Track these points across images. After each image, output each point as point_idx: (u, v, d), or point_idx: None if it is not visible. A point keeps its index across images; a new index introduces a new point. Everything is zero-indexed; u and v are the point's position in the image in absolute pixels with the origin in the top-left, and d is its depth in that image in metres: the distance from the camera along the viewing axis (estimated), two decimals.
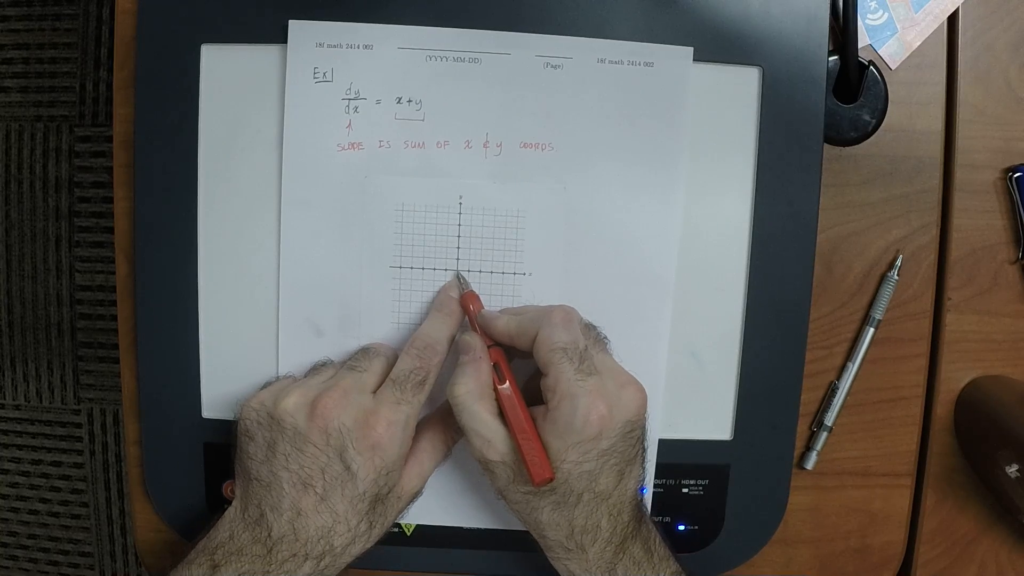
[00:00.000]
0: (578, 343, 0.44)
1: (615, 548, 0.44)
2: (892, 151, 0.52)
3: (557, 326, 0.44)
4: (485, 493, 0.51)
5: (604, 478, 0.44)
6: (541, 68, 0.48)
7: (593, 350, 0.45)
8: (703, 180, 0.49)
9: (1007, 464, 0.48)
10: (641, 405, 0.45)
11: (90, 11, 1.30)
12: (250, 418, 0.46)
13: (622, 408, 0.44)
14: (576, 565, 0.45)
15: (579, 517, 0.44)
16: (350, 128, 0.48)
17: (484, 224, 0.48)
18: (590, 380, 0.43)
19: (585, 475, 0.43)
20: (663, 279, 0.49)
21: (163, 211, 0.49)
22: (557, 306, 0.46)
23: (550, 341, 0.44)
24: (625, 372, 0.46)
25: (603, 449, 0.43)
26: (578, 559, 0.45)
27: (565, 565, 0.46)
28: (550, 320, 0.45)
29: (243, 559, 0.43)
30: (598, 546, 0.44)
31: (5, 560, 1.43)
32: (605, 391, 0.43)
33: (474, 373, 0.45)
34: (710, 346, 0.50)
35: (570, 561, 0.45)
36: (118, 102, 0.50)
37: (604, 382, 0.44)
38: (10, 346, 1.39)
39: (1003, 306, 0.53)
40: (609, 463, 0.44)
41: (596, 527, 0.44)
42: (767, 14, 0.48)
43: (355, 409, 0.44)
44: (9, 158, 1.34)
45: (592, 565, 0.45)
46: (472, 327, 0.47)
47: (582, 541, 0.44)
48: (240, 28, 0.48)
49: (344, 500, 0.44)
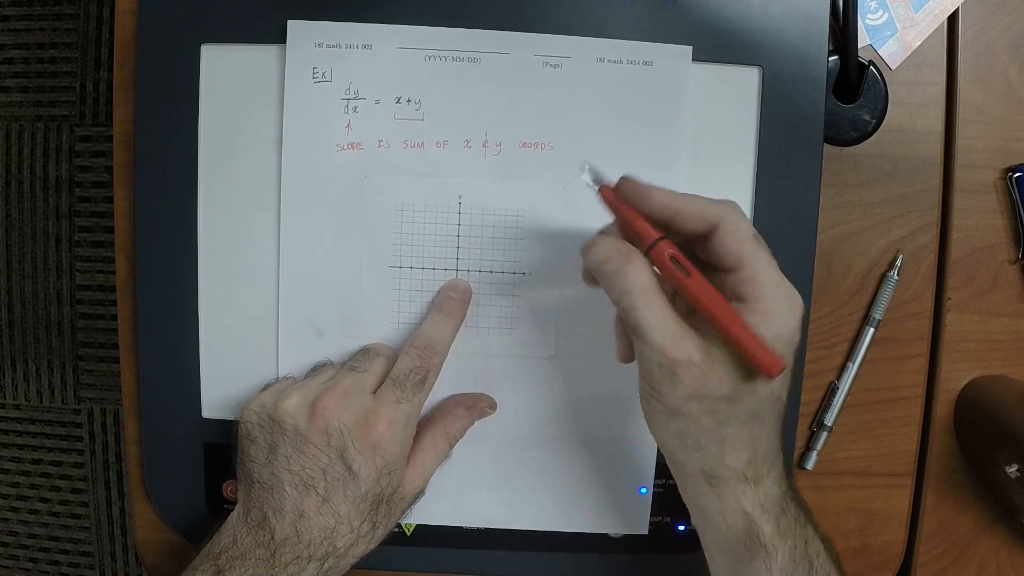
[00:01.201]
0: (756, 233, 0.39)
1: (785, 482, 0.40)
2: (892, 151, 0.52)
3: (742, 216, 0.39)
4: (485, 493, 0.51)
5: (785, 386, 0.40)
6: (540, 67, 0.48)
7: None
8: (703, 180, 0.49)
9: (1007, 464, 0.48)
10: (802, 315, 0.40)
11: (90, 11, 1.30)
12: (251, 421, 0.46)
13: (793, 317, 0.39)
14: (750, 500, 0.40)
15: (766, 435, 0.39)
16: (349, 128, 0.48)
17: (484, 224, 0.48)
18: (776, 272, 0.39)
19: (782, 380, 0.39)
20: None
21: (163, 211, 0.49)
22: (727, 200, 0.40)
23: (742, 230, 0.38)
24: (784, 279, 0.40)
25: (795, 347, 0.39)
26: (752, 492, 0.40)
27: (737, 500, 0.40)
28: (734, 209, 0.39)
29: (247, 563, 0.43)
30: (774, 475, 0.40)
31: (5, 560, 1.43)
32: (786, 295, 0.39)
33: (638, 266, 0.38)
34: None
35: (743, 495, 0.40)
36: (118, 102, 0.50)
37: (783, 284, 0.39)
38: (10, 346, 1.39)
39: (1003, 306, 0.53)
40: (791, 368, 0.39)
41: (774, 451, 0.40)
42: (767, 14, 0.48)
43: (355, 409, 0.44)
44: (9, 158, 1.34)
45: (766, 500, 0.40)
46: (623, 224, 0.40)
47: (760, 469, 0.40)
48: (240, 28, 0.48)
49: (346, 501, 0.44)
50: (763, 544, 0.40)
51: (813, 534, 0.41)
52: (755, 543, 0.40)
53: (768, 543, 0.40)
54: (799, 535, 0.41)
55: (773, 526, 0.40)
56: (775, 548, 0.40)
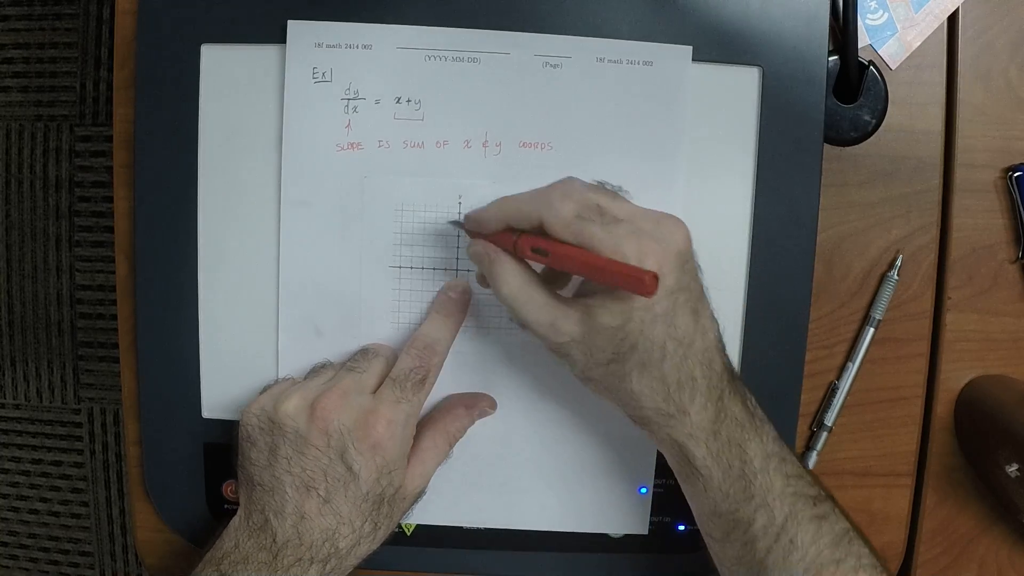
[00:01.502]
0: (589, 203, 0.41)
1: (715, 405, 0.42)
2: (892, 151, 0.52)
3: (558, 203, 0.41)
4: (485, 493, 0.51)
5: (680, 319, 0.41)
6: (540, 67, 0.48)
7: (609, 203, 0.42)
8: (703, 180, 0.49)
9: (1007, 464, 0.48)
10: (685, 234, 0.42)
11: (90, 11, 1.30)
12: (251, 423, 0.46)
13: (668, 241, 0.41)
14: (679, 431, 0.42)
15: (671, 372, 0.41)
16: (349, 128, 0.48)
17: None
18: (621, 227, 0.40)
19: (660, 319, 0.40)
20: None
21: (163, 211, 0.49)
22: (554, 184, 0.43)
23: (561, 218, 0.40)
24: (654, 211, 0.43)
25: (668, 287, 0.40)
26: (680, 423, 0.42)
27: (667, 433, 0.43)
28: (549, 201, 0.41)
29: (249, 567, 0.43)
30: (698, 402, 0.42)
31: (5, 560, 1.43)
32: (643, 231, 0.40)
33: (504, 267, 0.42)
34: None
35: (672, 427, 0.42)
36: (118, 102, 0.50)
37: (636, 224, 0.41)
38: (10, 346, 1.39)
39: (1003, 306, 0.53)
40: (679, 301, 0.41)
41: (691, 379, 0.41)
42: (767, 14, 0.48)
43: (355, 409, 0.44)
44: (9, 158, 1.34)
45: (695, 428, 0.42)
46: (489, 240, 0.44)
47: (681, 400, 0.42)
48: (240, 28, 0.48)
49: (347, 501, 0.44)
50: (696, 468, 0.43)
51: (758, 453, 0.43)
52: (690, 467, 0.43)
53: (700, 465, 0.43)
54: (734, 456, 0.42)
55: (703, 450, 0.42)
56: (708, 469, 0.43)
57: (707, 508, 0.44)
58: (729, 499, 0.43)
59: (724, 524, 0.43)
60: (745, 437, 0.43)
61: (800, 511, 0.42)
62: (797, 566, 0.42)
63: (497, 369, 0.50)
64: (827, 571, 0.42)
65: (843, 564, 0.42)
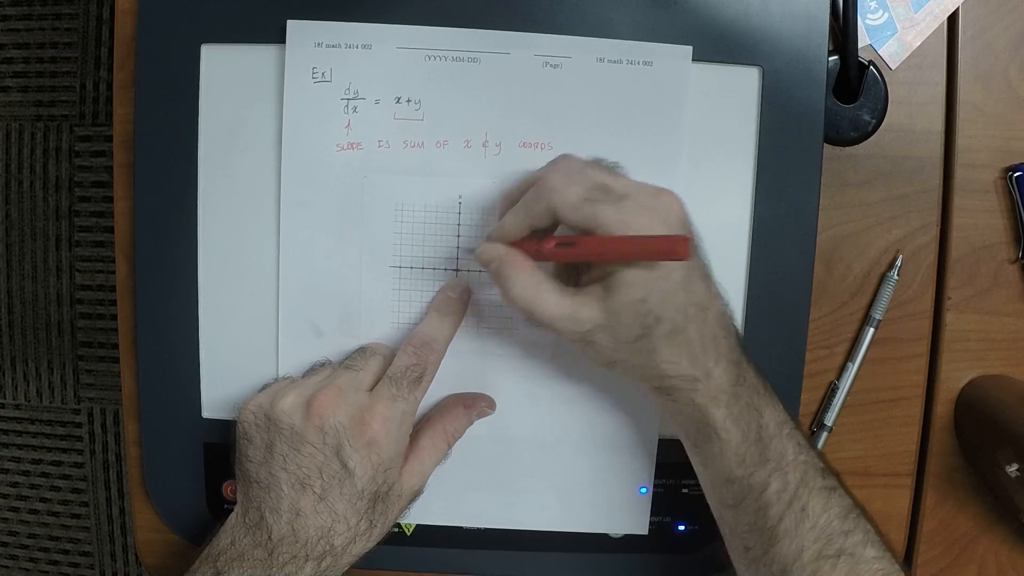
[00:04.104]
0: (593, 183, 0.42)
1: (736, 368, 0.43)
2: (892, 151, 0.52)
3: (564, 188, 0.42)
4: (485, 493, 0.51)
5: (696, 284, 0.42)
6: (540, 67, 0.48)
7: (610, 180, 0.43)
8: (703, 180, 0.49)
9: (1007, 464, 0.48)
10: (681, 205, 0.43)
11: (90, 11, 1.30)
12: (248, 421, 0.46)
13: (670, 212, 0.42)
14: (702, 395, 0.43)
15: (694, 335, 0.42)
16: (349, 128, 0.48)
17: (484, 224, 0.48)
18: (627, 204, 0.41)
19: (679, 286, 0.41)
20: None
21: (163, 211, 0.49)
22: (549, 166, 0.44)
23: (570, 204, 0.41)
24: (649, 185, 0.43)
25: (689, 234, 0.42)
26: (704, 387, 0.42)
27: (690, 398, 0.43)
28: (554, 186, 0.42)
29: (245, 564, 0.43)
30: (721, 364, 0.42)
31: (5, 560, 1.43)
32: (647, 206, 0.41)
33: (515, 268, 0.43)
34: None
35: (695, 392, 0.43)
36: (118, 102, 0.50)
37: (639, 200, 0.42)
38: (10, 346, 1.39)
39: (1003, 306, 0.53)
40: (691, 267, 0.42)
41: (714, 339, 0.42)
42: (767, 14, 0.48)
43: (351, 406, 0.44)
44: (9, 158, 1.34)
45: (717, 390, 0.42)
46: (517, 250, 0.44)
47: (706, 362, 0.42)
48: (240, 28, 0.48)
49: (343, 499, 0.44)
50: (715, 429, 0.43)
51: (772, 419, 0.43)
52: (709, 429, 0.43)
53: (720, 427, 0.43)
54: (752, 419, 0.43)
55: (724, 412, 0.43)
56: (727, 432, 0.43)
57: (722, 474, 0.44)
58: (745, 463, 0.43)
59: (738, 490, 0.44)
60: (761, 402, 0.43)
61: (811, 480, 0.43)
62: (808, 535, 0.42)
63: (497, 369, 0.50)
64: (836, 542, 0.42)
65: (851, 536, 0.42)
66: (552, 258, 0.43)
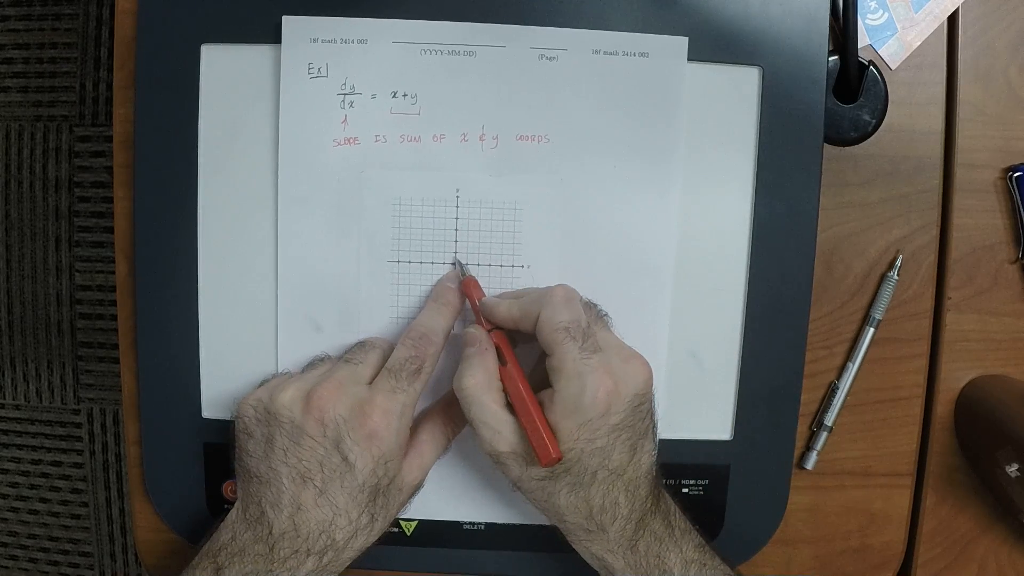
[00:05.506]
0: (580, 321, 0.44)
1: (635, 525, 0.44)
2: (892, 151, 0.52)
3: (558, 306, 0.44)
4: (486, 488, 0.51)
5: (617, 454, 0.44)
6: (536, 60, 0.48)
7: (595, 327, 0.46)
8: (703, 180, 0.49)
9: (1007, 464, 0.48)
10: (647, 378, 0.45)
11: (90, 11, 1.30)
12: (247, 415, 0.46)
13: (628, 382, 0.44)
14: (598, 546, 0.45)
15: (596, 496, 0.44)
16: (345, 123, 0.48)
17: (481, 217, 0.49)
18: (595, 357, 0.43)
19: (598, 452, 0.43)
20: (661, 270, 0.49)
21: (163, 211, 0.49)
22: (557, 286, 0.46)
23: (552, 321, 0.44)
24: (628, 347, 0.46)
25: (613, 425, 0.43)
26: (599, 539, 0.45)
27: (587, 547, 0.46)
28: (551, 300, 0.44)
29: (245, 559, 0.43)
30: (618, 524, 0.44)
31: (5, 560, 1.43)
32: (610, 367, 0.43)
33: (480, 364, 0.45)
34: (710, 346, 0.50)
35: (591, 543, 0.45)
36: (118, 102, 0.50)
37: (609, 358, 0.44)
38: (10, 346, 1.39)
39: (1003, 306, 0.53)
40: (621, 438, 0.44)
41: (615, 504, 0.44)
42: (767, 14, 0.48)
43: (350, 399, 0.44)
44: (9, 158, 1.34)
45: (613, 544, 0.45)
46: (476, 317, 0.47)
47: (602, 520, 0.44)
48: (239, 28, 0.48)
49: (344, 492, 0.44)
50: (613, 573, 0.45)
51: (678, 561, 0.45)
52: (607, 571, 0.46)
53: (620, 572, 0.45)
54: (653, 565, 0.45)
55: (622, 563, 0.45)
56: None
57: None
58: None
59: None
60: (663, 549, 0.45)
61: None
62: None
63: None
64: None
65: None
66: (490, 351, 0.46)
